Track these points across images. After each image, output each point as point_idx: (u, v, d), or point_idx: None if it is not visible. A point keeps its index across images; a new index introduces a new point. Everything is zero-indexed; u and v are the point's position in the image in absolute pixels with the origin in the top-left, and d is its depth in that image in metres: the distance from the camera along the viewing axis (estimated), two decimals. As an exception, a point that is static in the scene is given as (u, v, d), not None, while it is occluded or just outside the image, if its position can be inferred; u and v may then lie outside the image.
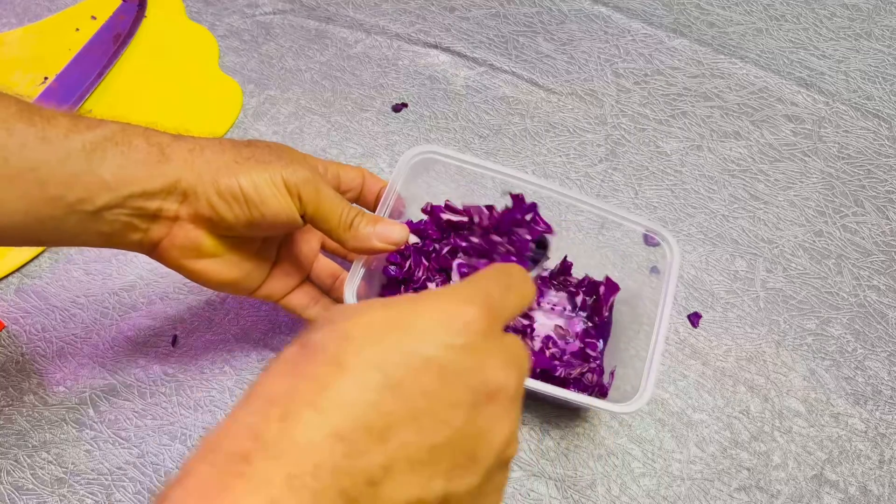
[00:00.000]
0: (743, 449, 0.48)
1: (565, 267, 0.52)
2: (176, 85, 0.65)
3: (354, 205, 0.41)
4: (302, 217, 0.39)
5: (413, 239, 0.48)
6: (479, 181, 0.49)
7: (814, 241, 0.57)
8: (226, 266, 0.40)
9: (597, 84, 0.66)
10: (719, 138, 0.63)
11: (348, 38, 0.68)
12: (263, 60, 0.66)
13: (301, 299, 0.46)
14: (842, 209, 0.59)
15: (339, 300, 0.45)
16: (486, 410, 0.24)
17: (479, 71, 0.66)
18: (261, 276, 0.43)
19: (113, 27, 0.67)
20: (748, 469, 0.48)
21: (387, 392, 0.22)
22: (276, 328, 0.52)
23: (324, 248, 0.49)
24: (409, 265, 0.47)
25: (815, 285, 0.55)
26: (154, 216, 0.37)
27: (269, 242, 0.43)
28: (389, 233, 0.40)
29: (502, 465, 0.26)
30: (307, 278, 0.47)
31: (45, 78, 0.63)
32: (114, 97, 0.63)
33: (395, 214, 0.44)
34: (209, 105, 0.63)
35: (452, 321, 0.24)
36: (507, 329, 0.46)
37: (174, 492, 0.20)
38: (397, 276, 0.47)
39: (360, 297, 0.41)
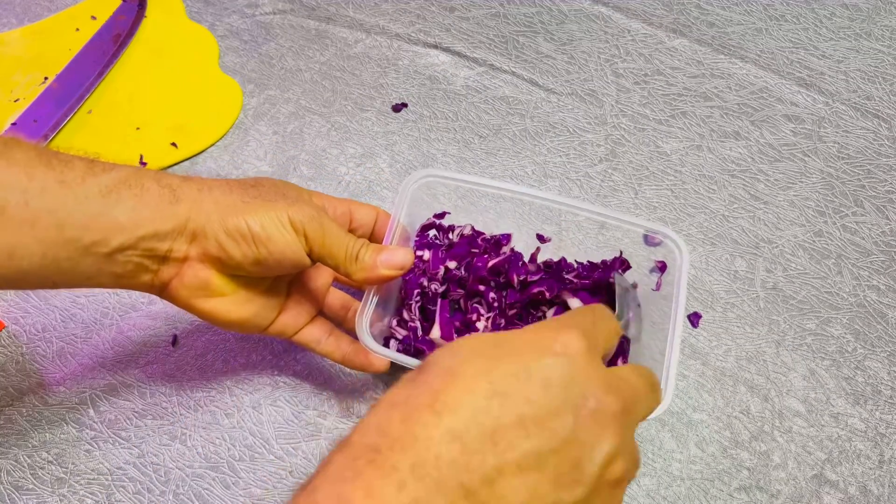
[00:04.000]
0: (743, 449, 0.48)
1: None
2: (176, 85, 0.65)
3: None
4: (309, 256, 0.40)
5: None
6: (477, 195, 0.50)
7: (814, 241, 0.57)
8: (235, 305, 0.40)
9: (597, 84, 0.66)
10: (719, 138, 0.63)
11: (348, 38, 0.68)
12: (263, 60, 0.66)
13: (314, 333, 0.45)
14: (842, 209, 0.59)
15: (351, 331, 0.45)
16: (588, 424, 0.25)
17: (479, 71, 0.66)
18: (271, 314, 0.43)
19: (113, 27, 0.67)
20: (748, 469, 0.48)
21: (494, 398, 0.24)
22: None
23: (336, 281, 0.48)
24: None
25: (815, 285, 0.55)
26: (164, 257, 0.38)
27: (278, 281, 0.43)
28: (393, 258, 0.41)
29: (611, 483, 0.26)
30: (319, 312, 0.47)
31: (45, 78, 0.63)
32: (114, 97, 0.63)
33: (401, 244, 0.45)
34: (209, 105, 0.63)
35: (553, 343, 0.27)
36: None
37: (316, 479, 0.23)
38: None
39: (373, 329, 0.41)
